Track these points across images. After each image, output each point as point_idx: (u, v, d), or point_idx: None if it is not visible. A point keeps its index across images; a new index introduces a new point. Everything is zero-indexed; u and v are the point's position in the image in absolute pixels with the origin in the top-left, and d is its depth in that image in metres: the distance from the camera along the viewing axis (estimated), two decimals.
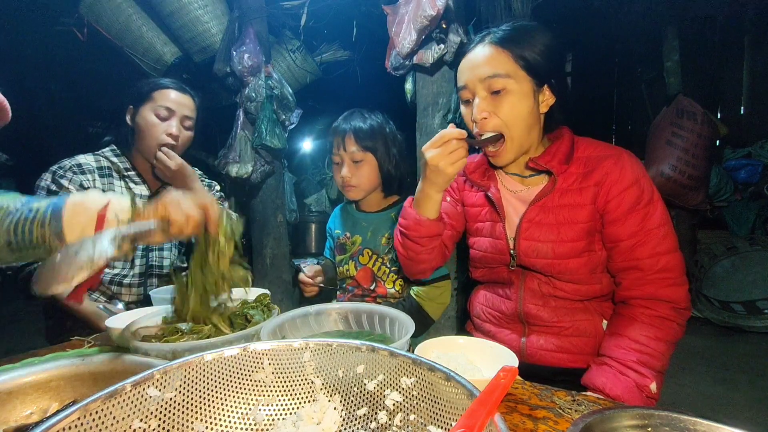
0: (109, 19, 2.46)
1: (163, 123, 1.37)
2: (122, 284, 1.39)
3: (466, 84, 0.96)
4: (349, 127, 1.32)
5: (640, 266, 0.92)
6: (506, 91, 0.92)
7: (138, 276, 1.41)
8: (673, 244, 0.93)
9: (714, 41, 3.90)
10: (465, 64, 0.98)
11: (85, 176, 1.34)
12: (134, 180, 1.44)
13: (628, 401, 0.83)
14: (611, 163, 0.95)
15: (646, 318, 0.91)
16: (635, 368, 0.86)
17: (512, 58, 0.92)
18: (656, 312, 0.90)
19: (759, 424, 2.04)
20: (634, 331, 0.90)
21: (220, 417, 0.46)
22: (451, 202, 1.18)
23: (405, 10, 1.76)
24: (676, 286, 0.91)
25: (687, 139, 3.00)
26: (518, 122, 0.94)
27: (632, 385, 0.85)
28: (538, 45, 0.93)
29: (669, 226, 0.93)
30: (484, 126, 0.95)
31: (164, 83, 1.41)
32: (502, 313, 1.08)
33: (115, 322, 0.89)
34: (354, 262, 1.42)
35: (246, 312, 0.87)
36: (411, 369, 0.46)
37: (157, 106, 1.37)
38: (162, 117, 1.37)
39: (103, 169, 1.40)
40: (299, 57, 2.93)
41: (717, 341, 3.04)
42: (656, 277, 0.91)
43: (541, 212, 0.98)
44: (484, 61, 0.93)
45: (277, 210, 2.88)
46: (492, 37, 0.95)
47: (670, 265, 0.91)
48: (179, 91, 1.42)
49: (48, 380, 0.54)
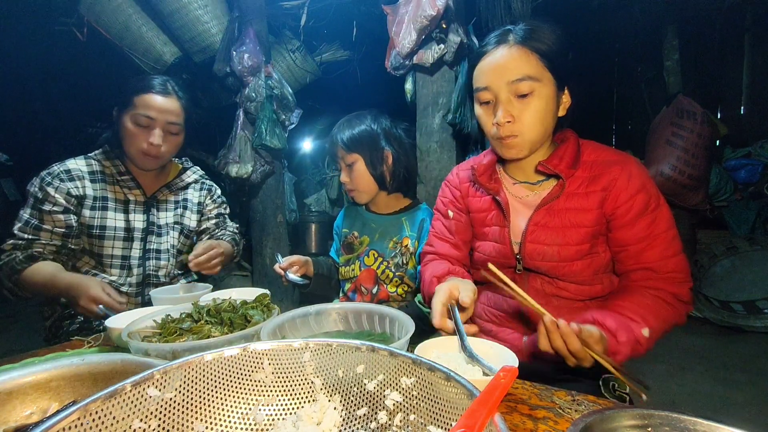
0: (109, 19, 2.46)
1: (144, 131, 1.29)
2: (120, 291, 1.35)
3: (488, 86, 0.93)
4: (337, 137, 1.37)
5: (652, 268, 0.93)
6: (533, 94, 0.90)
7: (135, 285, 1.38)
8: (680, 246, 0.94)
9: (714, 41, 3.91)
10: (487, 66, 0.94)
11: (73, 183, 1.30)
12: (128, 185, 1.39)
13: (620, 338, 0.81)
14: (618, 169, 0.95)
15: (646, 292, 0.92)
16: (630, 315, 0.86)
17: (539, 58, 0.90)
18: (658, 294, 0.91)
19: (759, 424, 2.04)
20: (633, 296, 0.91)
21: (220, 417, 0.46)
22: (455, 216, 1.18)
23: (405, 10, 1.76)
24: (682, 283, 0.93)
25: (687, 138, 3.00)
26: (540, 126, 0.93)
27: (626, 323, 0.84)
28: (559, 44, 0.91)
29: (675, 229, 0.95)
30: (507, 130, 0.93)
31: (146, 86, 1.31)
32: (505, 312, 1.08)
33: (115, 322, 0.90)
34: (359, 263, 1.42)
35: (246, 312, 0.87)
36: (411, 369, 0.46)
37: (137, 114, 1.28)
38: (142, 125, 1.29)
39: (95, 173, 1.35)
40: (299, 57, 2.93)
41: (717, 341, 3.04)
42: (666, 276, 0.92)
43: (548, 215, 0.98)
44: (510, 62, 0.90)
45: (277, 210, 2.88)
46: (515, 36, 0.91)
47: (679, 267, 0.93)
48: (162, 94, 1.31)
49: (48, 380, 0.54)
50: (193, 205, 1.53)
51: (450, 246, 1.18)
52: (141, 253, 1.40)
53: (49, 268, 1.22)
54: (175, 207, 1.49)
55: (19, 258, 1.22)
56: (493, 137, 0.97)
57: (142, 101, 1.28)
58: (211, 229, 1.58)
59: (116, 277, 1.36)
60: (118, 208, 1.37)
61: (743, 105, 4.08)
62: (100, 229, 1.33)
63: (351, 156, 1.35)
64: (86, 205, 1.32)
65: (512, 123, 0.92)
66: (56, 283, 1.17)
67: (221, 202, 1.62)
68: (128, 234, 1.37)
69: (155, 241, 1.43)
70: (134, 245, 1.38)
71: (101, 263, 1.35)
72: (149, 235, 1.42)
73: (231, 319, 0.84)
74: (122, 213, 1.37)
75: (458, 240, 1.17)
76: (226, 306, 0.89)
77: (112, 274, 1.36)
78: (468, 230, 1.18)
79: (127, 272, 1.37)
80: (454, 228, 1.17)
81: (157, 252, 1.43)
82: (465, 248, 1.17)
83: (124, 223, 1.37)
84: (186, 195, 1.53)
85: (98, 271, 1.35)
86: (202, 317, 0.86)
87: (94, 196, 1.34)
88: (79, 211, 1.31)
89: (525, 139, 0.94)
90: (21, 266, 1.21)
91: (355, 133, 1.35)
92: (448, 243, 1.18)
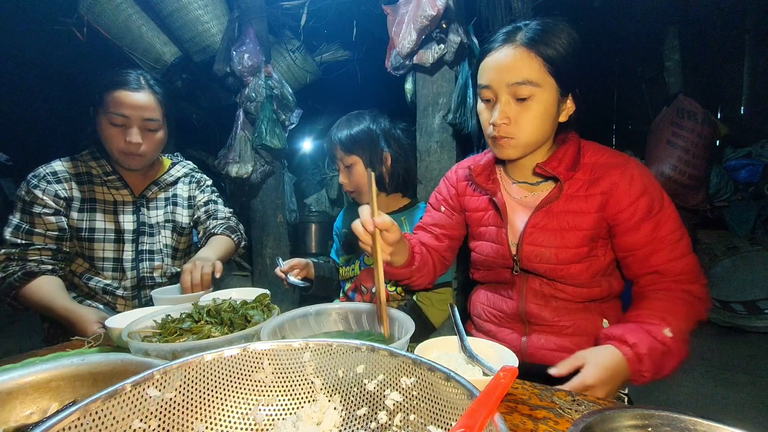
0: (109, 19, 2.46)
1: (120, 131, 1.24)
2: (115, 294, 1.34)
3: (489, 85, 0.92)
4: (335, 137, 1.36)
5: (659, 271, 0.92)
6: (532, 99, 0.89)
7: (130, 288, 1.36)
8: (687, 248, 0.92)
9: (714, 42, 3.91)
10: (490, 64, 0.92)
11: (60, 185, 1.27)
12: (115, 185, 1.35)
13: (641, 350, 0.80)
14: (619, 173, 0.94)
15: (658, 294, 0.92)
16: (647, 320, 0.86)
17: (542, 63, 0.88)
18: (670, 294, 0.91)
19: (759, 424, 2.04)
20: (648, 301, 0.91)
21: (220, 417, 0.46)
22: (446, 212, 1.18)
23: (405, 10, 1.76)
24: (693, 282, 0.92)
25: (687, 138, 3.00)
26: (536, 131, 0.92)
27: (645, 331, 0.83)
28: (570, 49, 0.88)
29: (682, 230, 0.93)
30: (503, 131, 0.93)
31: (115, 81, 1.22)
32: (504, 312, 1.08)
33: (115, 322, 0.90)
34: (359, 262, 1.42)
35: (246, 312, 0.87)
36: (411, 369, 0.46)
37: (111, 114, 1.22)
38: (118, 124, 1.23)
39: (81, 175, 1.32)
40: (299, 57, 2.92)
41: (717, 341, 3.04)
42: (675, 278, 0.92)
43: (546, 217, 0.97)
44: (512, 64, 0.88)
45: (277, 210, 2.88)
46: (522, 36, 0.89)
47: (687, 269, 0.92)
48: (134, 90, 1.23)
49: (48, 380, 0.54)
50: (183, 200, 1.50)
51: (431, 237, 1.19)
52: (134, 255, 1.37)
53: (48, 288, 1.19)
54: (165, 204, 1.45)
55: (17, 275, 1.19)
56: (489, 136, 0.97)
57: (113, 99, 1.21)
58: (202, 219, 1.53)
59: (110, 280, 1.34)
60: (107, 210, 1.34)
61: (744, 105, 4.08)
62: (89, 231, 1.31)
63: (350, 158, 1.34)
64: (74, 208, 1.29)
65: (508, 125, 0.91)
66: (54, 309, 1.16)
67: (211, 191, 1.57)
68: (118, 236, 1.34)
69: (147, 242, 1.40)
70: (125, 247, 1.35)
71: (93, 266, 1.33)
72: (141, 236, 1.38)
73: (231, 320, 0.84)
74: (111, 214, 1.34)
75: (440, 233, 1.18)
76: (226, 306, 0.88)
77: (105, 277, 1.34)
78: (456, 228, 1.18)
79: (121, 275, 1.35)
80: (440, 221, 1.18)
81: (150, 253, 1.40)
82: (445, 240, 1.18)
83: (114, 224, 1.34)
84: (176, 190, 1.49)
85: (92, 274, 1.33)
86: (202, 317, 0.85)
87: (82, 198, 1.31)
88: (67, 214, 1.28)
89: (519, 142, 0.93)
90: (19, 283, 1.19)
91: (353, 134, 1.34)
92: (430, 234, 1.20)
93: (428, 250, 1.17)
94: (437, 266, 1.18)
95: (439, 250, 1.18)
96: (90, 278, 1.33)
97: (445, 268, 1.22)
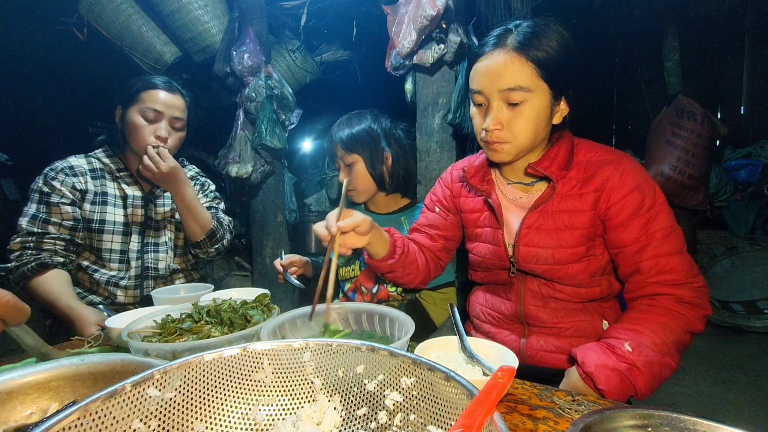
0: (109, 19, 2.46)
1: (150, 125, 1.34)
2: (118, 285, 1.38)
3: (481, 90, 0.92)
4: (336, 136, 1.37)
5: (640, 269, 0.90)
6: (524, 104, 0.88)
7: (134, 278, 1.41)
8: (677, 246, 0.89)
9: (714, 41, 3.91)
10: (481, 69, 0.91)
11: (77, 178, 1.34)
12: (126, 181, 1.43)
13: (598, 379, 0.78)
14: (611, 168, 0.93)
15: (639, 305, 0.90)
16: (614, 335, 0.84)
17: (534, 68, 0.87)
18: (654, 302, 0.88)
19: (758, 424, 2.04)
20: (626, 313, 0.91)
21: (220, 417, 0.46)
22: (441, 213, 1.18)
23: (405, 10, 1.76)
24: (680, 286, 0.87)
25: (687, 139, 3.00)
26: (530, 134, 0.91)
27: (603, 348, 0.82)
28: (562, 52, 0.87)
29: (673, 228, 0.90)
30: (495, 136, 0.92)
31: (152, 83, 1.36)
32: (502, 313, 1.08)
33: (115, 322, 0.90)
34: (359, 262, 1.42)
35: (246, 312, 0.87)
36: (411, 369, 0.46)
37: (145, 108, 1.32)
38: (149, 119, 1.33)
39: (96, 170, 1.39)
40: (299, 57, 2.92)
41: (717, 341, 3.04)
42: (656, 279, 0.88)
43: (541, 218, 0.97)
44: (503, 70, 0.87)
45: (277, 210, 2.88)
46: (513, 41, 0.88)
47: (670, 267, 0.88)
48: (168, 90, 1.37)
49: (48, 380, 0.54)
50: None
51: (425, 237, 1.19)
52: (139, 247, 1.42)
53: (55, 283, 1.23)
54: (171, 202, 1.51)
55: (31, 266, 1.22)
56: (482, 140, 0.97)
57: (149, 96, 1.33)
58: None
59: (116, 271, 1.39)
60: (117, 203, 1.40)
61: (743, 105, 4.08)
62: (100, 223, 1.36)
63: (351, 157, 1.34)
64: (87, 200, 1.35)
65: (501, 130, 0.91)
66: (57, 305, 1.20)
67: (213, 197, 1.62)
68: (126, 228, 1.41)
69: (153, 235, 1.47)
70: (132, 239, 1.41)
71: (101, 257, 1.38)
72: (147, 229, 1.45)
73: (231, 319, 0.84)
74: (121, 208, 1.41)
75: (435, 233, 1.19)
76: (226, 306, 0.89)
77: (111, 269, 1.38)
78: (450, 228, 1.18)
79: (126, 266, 1.40)
80: (434, 222, 1.19)
81: (155, 245, 1.47)
82: (440, 241, 1.19)
83: (123, 217, 1.40)
84: None
85: (98, 266, 1.38)
86: (202, 317, 0.86)
87: (95, 191, 1.37)
88: (81, 205, 1.35)
89: (512, 146, 0.93)
90: (31, 273, 1.23)
91: (354, 133, 1.34)
92: (424, 234, 1.20)
93: (422, 250, 1.17)
94: (431, 266, 1.18)
95: (434, 250, 1.18)
96: (96, 270, 1.37)
97: (440, 269, 1.22)
